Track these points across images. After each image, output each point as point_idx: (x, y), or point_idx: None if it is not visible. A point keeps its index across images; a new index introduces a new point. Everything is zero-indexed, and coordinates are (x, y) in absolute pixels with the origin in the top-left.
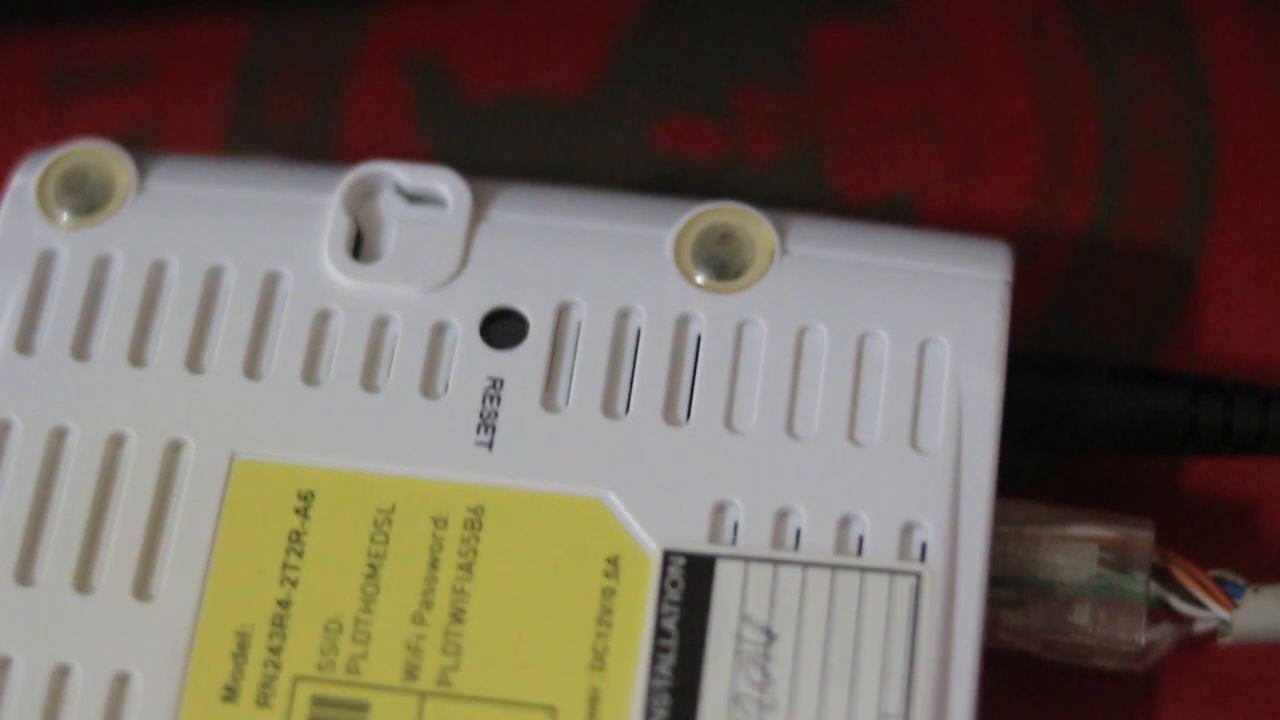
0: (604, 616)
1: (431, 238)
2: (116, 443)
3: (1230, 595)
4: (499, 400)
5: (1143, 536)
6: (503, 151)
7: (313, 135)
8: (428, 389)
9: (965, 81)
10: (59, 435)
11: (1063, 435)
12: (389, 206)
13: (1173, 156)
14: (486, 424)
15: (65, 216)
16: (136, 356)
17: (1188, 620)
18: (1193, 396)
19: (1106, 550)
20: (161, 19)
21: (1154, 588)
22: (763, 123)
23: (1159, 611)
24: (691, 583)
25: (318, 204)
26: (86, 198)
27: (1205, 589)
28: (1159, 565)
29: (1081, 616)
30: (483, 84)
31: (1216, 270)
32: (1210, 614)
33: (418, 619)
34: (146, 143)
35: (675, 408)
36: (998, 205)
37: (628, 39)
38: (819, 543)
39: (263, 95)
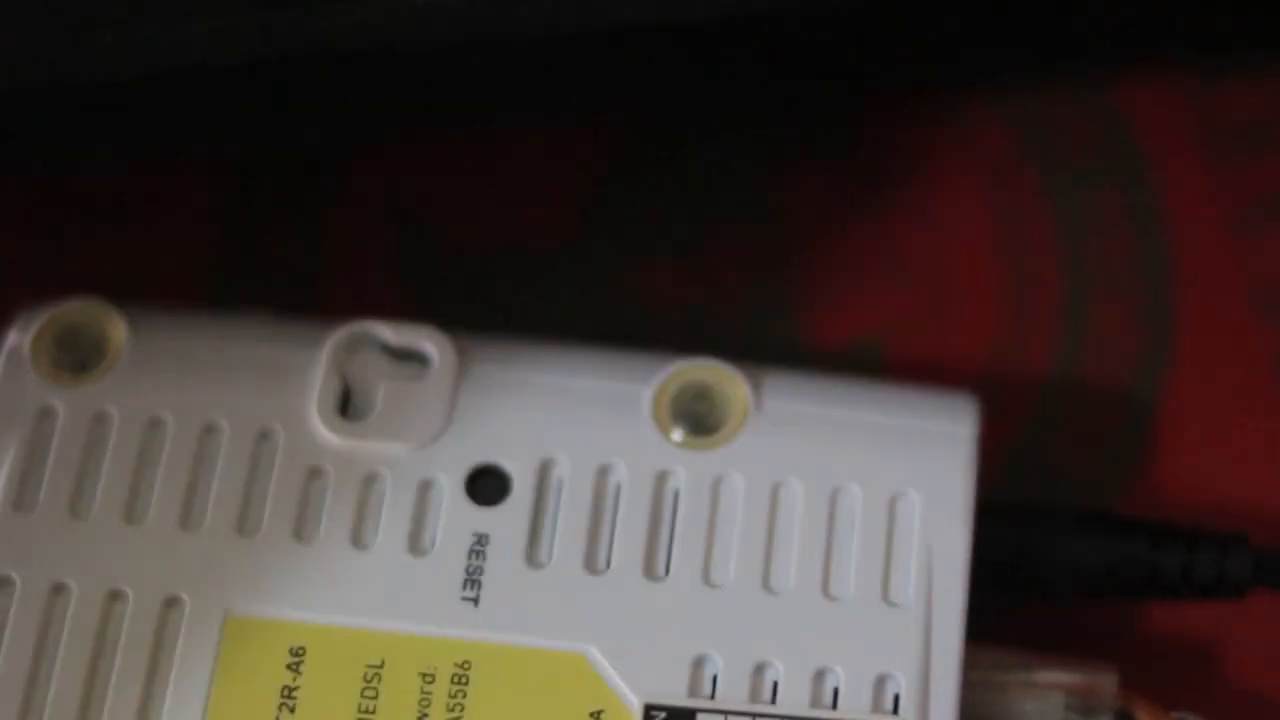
0: None
1: (418, 395)
2: (113, 599)
3: None
4: (484, 556)
5: (1107, 681)
6: (484, 297)
7: (297, 282)
8: (415, 546)
9: (930, 227)
10: (57, 592)
11: (1027, 581)
12: (375, 364)
13: (1132, 298)
14: (472, 580)
15: (60, 374)
16: (132, 514)
17: None
18: (1153, 543)
19: (1072, 695)
20: (148, 162)
21: None
22: (735, 267)
23: None
24: None
25: (305, 360)
26: (80, 355)
27: None
28: (1123, 709)
29: None
30: (463, 233)
31: (1176, 412)
32: None
33: None
34: (132, 285)
35: (655, 563)
36: (963, 349)
37: (603, 185)
38: (795, 695)
39: (247, 241)
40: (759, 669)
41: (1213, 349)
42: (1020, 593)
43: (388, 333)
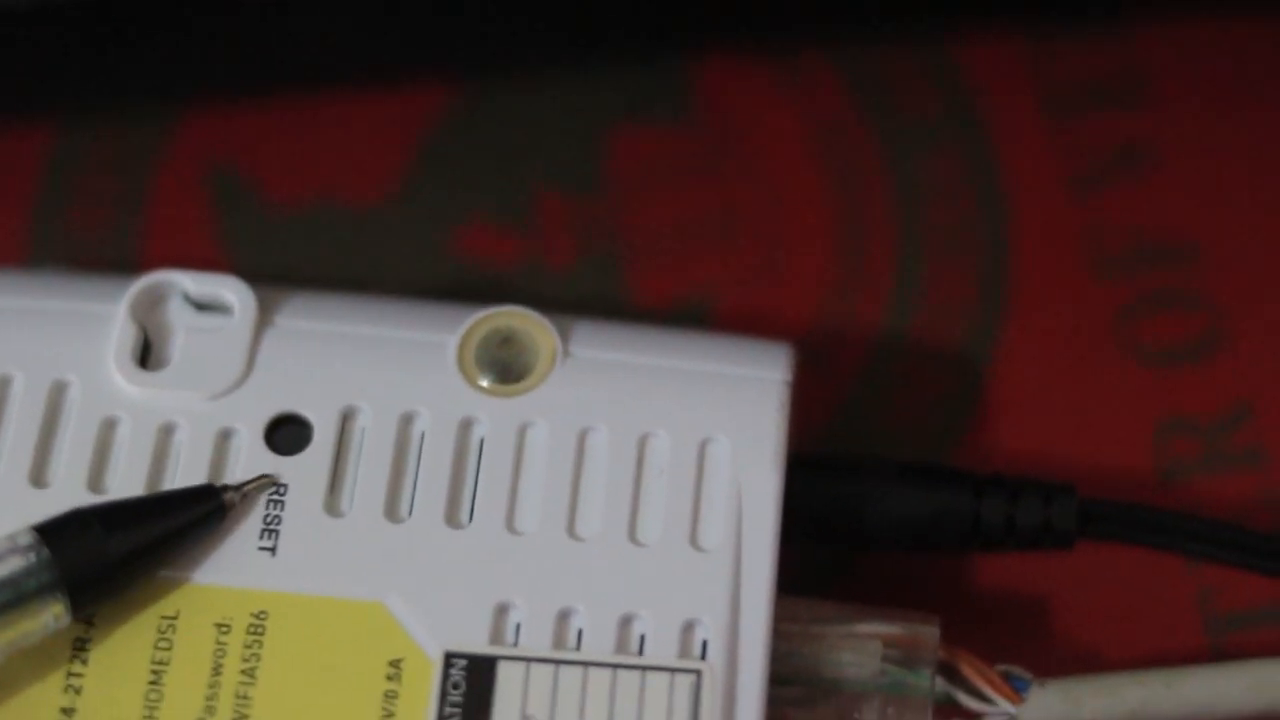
0: None
1: (217, 345)
2: None
3: (1016, 690)
4: (283, 505)
5: (928, 632)
6: (304, 260)
7: (114, 248)
8: None
9: (762, 184)
10: None
11: (849, 533)
12: (176, 314)
13: (967, 257)
14: (270, 529)
15: None
16: None
17: (975, 716)
18: (976, 493)
19: (892, 647)
20: None
21: (940, 684)
22: (562, 227)
23: (947, 708)
24: (473, 684)
25: (106, 312)
26: None
27: (991, 684)
28: (945, 661)
29: (869, 714)
30: (283, 193)
31: (1009, 370)
32: (997, 709)
33: None
34: None
35: (458, 511)
36: (794, 307)
37: (427, 145)
38: (600, 642)
39: (64, 208)
40: (563, 616)
41: (1048, 306)
42: (842, 546)
43: (189, 283)
